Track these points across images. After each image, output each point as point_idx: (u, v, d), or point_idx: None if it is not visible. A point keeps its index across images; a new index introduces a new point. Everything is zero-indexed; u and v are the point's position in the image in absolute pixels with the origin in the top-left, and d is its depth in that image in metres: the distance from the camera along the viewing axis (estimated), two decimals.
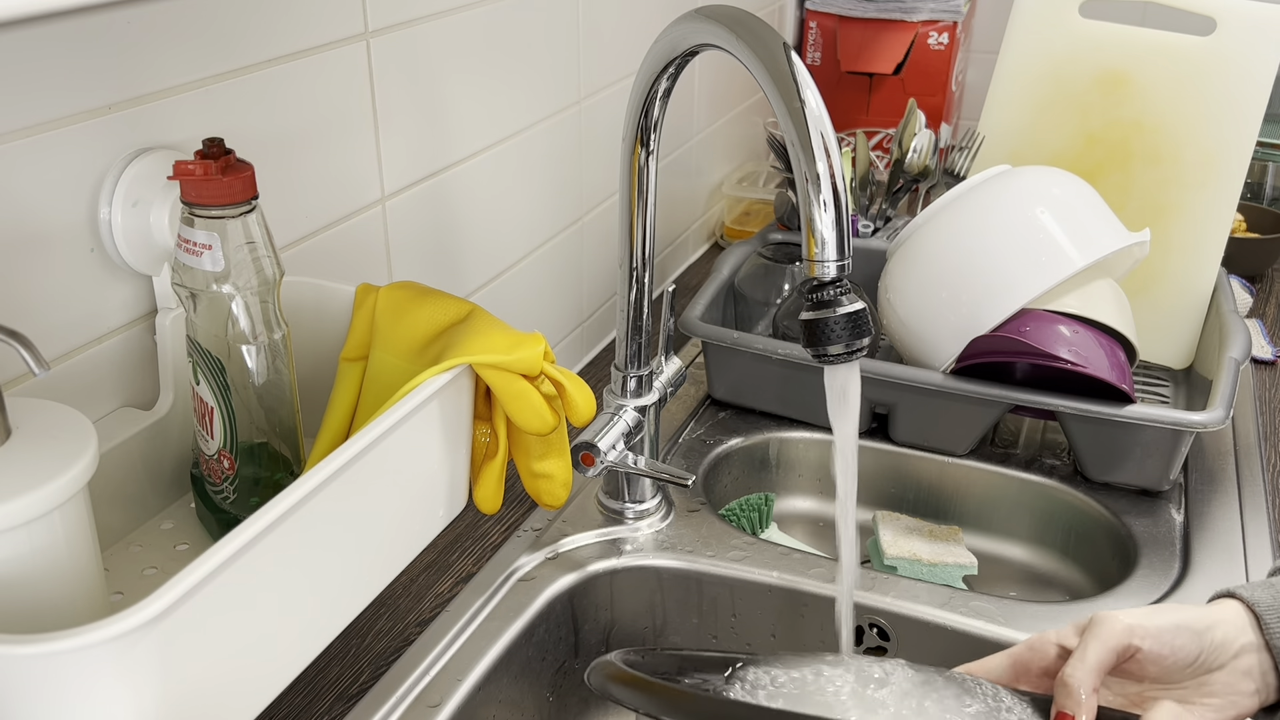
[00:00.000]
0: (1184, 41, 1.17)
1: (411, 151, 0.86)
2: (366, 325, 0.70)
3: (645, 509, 0.90)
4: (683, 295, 1.29)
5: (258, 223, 0.61)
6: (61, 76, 0.59)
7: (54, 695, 0.45)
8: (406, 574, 0.84)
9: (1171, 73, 1.17)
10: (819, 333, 0.61)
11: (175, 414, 0.68)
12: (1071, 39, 1.22)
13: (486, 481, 0.70)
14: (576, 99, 1.08)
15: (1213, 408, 0.91)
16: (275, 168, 0.73)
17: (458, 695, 0.74)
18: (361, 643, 0.77)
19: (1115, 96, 1.19)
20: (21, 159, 0.59)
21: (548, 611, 0.83)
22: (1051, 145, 1.22)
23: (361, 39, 0.79)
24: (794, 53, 0.61)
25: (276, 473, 0.67)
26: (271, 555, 0.51)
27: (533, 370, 0.64)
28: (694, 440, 1.03)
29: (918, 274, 1.01)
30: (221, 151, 0.59)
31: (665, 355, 0.90)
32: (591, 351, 1.23)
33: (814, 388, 0.68)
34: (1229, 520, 0.92)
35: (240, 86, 0.70)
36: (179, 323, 0.67)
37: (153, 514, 0.69)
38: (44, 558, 0.51)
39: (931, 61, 1.59)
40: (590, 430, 0.84)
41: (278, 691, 0.56)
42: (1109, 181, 1.18)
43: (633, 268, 0.83)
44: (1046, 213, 0.97)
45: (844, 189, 0.60)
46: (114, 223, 0.64)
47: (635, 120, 0.78)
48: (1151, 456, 0.93)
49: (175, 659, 0.47)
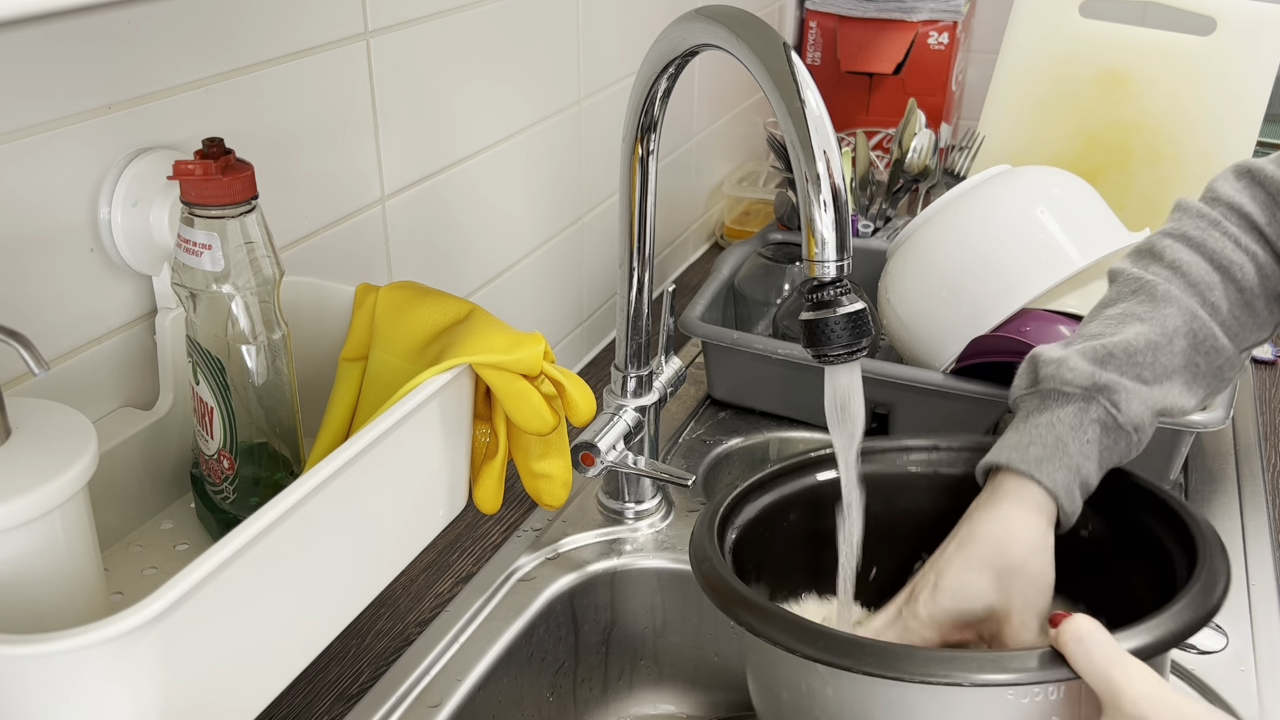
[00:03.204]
0: (1184, 41, 1.17)
1: (411, 151, 0.86)
2: (366, 325, 0.70)
3: (645, 509, 0.90)
4: (683, 295, 1.29)
5: (257, 223, 0.61)
6: (61, 76, 0.59)
7: (54, 695, 0.45)
8: (406, 574, 0.84)
9: (1171, 73, 1.17)
10: (819, 333, 0.61)
11: (175, 414, 0.68)
12: (1071, 39, 1.22)
13: (486, 481, 0.70)
14: (576, 99, 1.08)
15: (1213, 408, 0.91)
16: (275, 168, 0.73)
17: (458, 695, 0.74)
18: (361, 643, 0.77)
19: (1115, 96, 1.19)
20: (21, 159, 0.59)
21: (548, 611, 0.83)
22: (1051, 145, 1.22)
23: (361, 39, 0.79)
24: (794, 53, 0.61)
25: (276, 473, 0.67)
26: (271, 555, 0.51)
27: (533, 370, 0.64)
28: (694, 440, 1.03)
29: (918, 274, 1.01)
30: (221, 151, 0.59)
31: (665, 355, 0.90)
32: (591, 351, 1.23)
33: (814, 388, 0.68)
34: (1229, 520, 0.92)
35: (240, 86, 0.70)
36: (179, 323, 0.67)
37: (153, 514, 0.69)
38: (44, 558, 0.51)
39: (931, 61, 1.59)
40: (590, 430, 0.84)
41: (277, 691, 0.56)
42: (1109, 181, 1.18)
43: (633, 268, 0.83)
44: (1046, 213, 0.97)
45: (844, 189, 0.60)
46: (114, 223, 0.64)
47: (635, 120, 0.78)
48: (1151, 456, 0.92)
49: (175, 659, 0.47)
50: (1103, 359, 0.68)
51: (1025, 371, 0.71)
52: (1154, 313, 0.70)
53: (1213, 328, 0.71)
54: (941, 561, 0.65)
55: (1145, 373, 0.68)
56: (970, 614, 0.64)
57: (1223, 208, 0.75)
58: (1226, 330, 0.72)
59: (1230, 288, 0.73)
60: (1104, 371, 0.67)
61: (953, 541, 0.66)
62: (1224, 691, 0.74)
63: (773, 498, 0.73)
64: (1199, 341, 0.71)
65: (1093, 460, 0.66)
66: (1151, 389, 0.68)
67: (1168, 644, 0.55)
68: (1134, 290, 0.73)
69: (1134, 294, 0.72)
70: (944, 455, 0.75)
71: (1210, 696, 0.74)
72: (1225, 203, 0.75)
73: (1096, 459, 0.66)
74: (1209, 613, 0.57)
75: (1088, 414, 0.66)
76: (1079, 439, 0.66)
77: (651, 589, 0.87)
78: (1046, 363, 0.69)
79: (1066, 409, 0.67)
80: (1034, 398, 0.69)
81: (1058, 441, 0.66)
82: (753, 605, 0.60)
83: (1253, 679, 0.75)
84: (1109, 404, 0.66)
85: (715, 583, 0.62)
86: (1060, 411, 0.67)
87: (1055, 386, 0.68)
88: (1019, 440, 0.67)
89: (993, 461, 0.67)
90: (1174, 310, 0.70)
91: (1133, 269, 0.74)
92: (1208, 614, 0.57)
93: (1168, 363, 0.69)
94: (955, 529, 0.67)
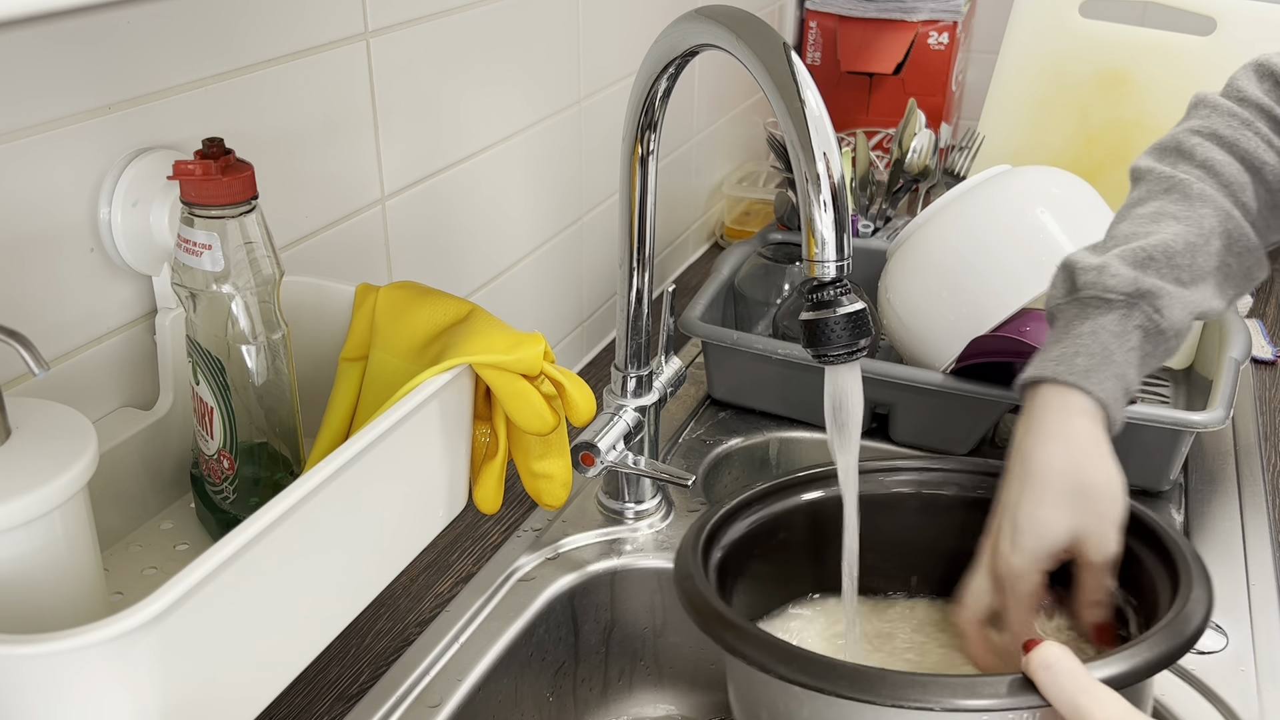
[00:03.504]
0: (1184, 41, 1.17)
1: (411, 151, 0.86)
2: (366, 325, 0.70)
3: (645, 509, 0.90)
4: (683, 295, 1.29)
5: (257, 223, 0.61)
6: (61, 76, 0.59)
7: (53, 695, 0.45)
8: (406, 574, 0.84)
9: (1171, 73, 1.17)
10: (819, 333, 0.61)
11: (175, 414, 0.68)
12: (1071, 39, 1.22)
13: (486, 481, 0.70)
14: (576, 99, 1.08)
15: (1213, 408, 0.91)
16: (275, 168, 0.73)
17: (458, 695, 0.74)
18: (361, 643, 0.77)
19: (1115, 96, 1.20)
20: (21, 159, 0.59)
21: (548, 611, 0.83)
22: (1051, 145, 1.22)
23: (361, 39, 0.79)
24: (794, 53, 0.61)
25: (276, 473, 0.67)
26: (271, 555, 0.51)
27: (533, 370, 0.64)
28: (694, 440, 1.03)
29: (918, 274, 1.01)
30: (221, 151, 0.59)
31: (665, 355, 0.90)
32: (591, 351, 1.23)
33: (814, 388, 0.68)
34: (1229, 520, 0.92)
35: (240, 86, 0.70)
36: (179, 323, 0.67)
37: (153, 514, 0.69)
38: (44, 558, 0.51)
39: (931, 61, 1.59)
40: (590, 430, 0.84)
41: (277, 692, 0.56)
42: (1109, 181, 1.17)
43: (633, 268, 0.83)
44: (1046, 213, 0.97)
45: (844, 189, 0.60)
46: (114, 223, 0.64)
47: (635, 120, 0.78)
48: (1151, 456, 0.92)
49: (175, 659, 0.47)
50: (1143, 262, 0.67)
51: (1061, 279, 0.70)
52: (1189, 211, 0.70)
53: (1245, 227, 0.71)
54: (1010, 505, 0.64)
55: (1184, 274, 0.67)
56: (1055, 545, 0.64)
57: (1252, 109, 0.74)
58: (1256, 230, 0.72)
59: (1261, 188, 0.72)
60: (1145, 276, 0.66)
61: (1014, 479, 0.65)
62: (1224, 691, 0.74)
63: (761, 515, 0.73)
64: (1233, 241, 0.70)
65: (1134, 366, 0.65)
66: (1190, 291, 0.67)
67: (1142, 674, 0.55)
68: (1166, 189, 0.72)
69: (1166, 193, 0.71)
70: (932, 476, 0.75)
71: (1210, 696, 0.74)
72: (1255, 104, 0.74)
73: (1138, 365, 0.66)
74: (1185, 644, 0.56)
75: (1131, 320, 0.65)
76: (1123, 346, 0.65)
77: (651, 589, 0.87)
78: (1086, 269, 0.68)
79: (1109, 316, 0.66)
80: (1074, 305, 0.68)
81: (1104, 350, 0.65)
82: (730, 624, 0.60)
83: (1253, 679, 0.75)
84: (1152, 309, 0.65)
85: (695, 600, 0.62)
86: (1103, 319, 0.66)
87: (1097, 294, 0.67)
88: (1063, 352, 0.66)
89: (1038, 375, 0.66)
90: (1209, 210, 0.70)
91: (1162, 167, 0.73)
92: (1184, 645, 0.56)
93: (1204, 264, 0.68)
94: (1008, 463, 0.66)
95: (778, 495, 0.74)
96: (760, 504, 0.73)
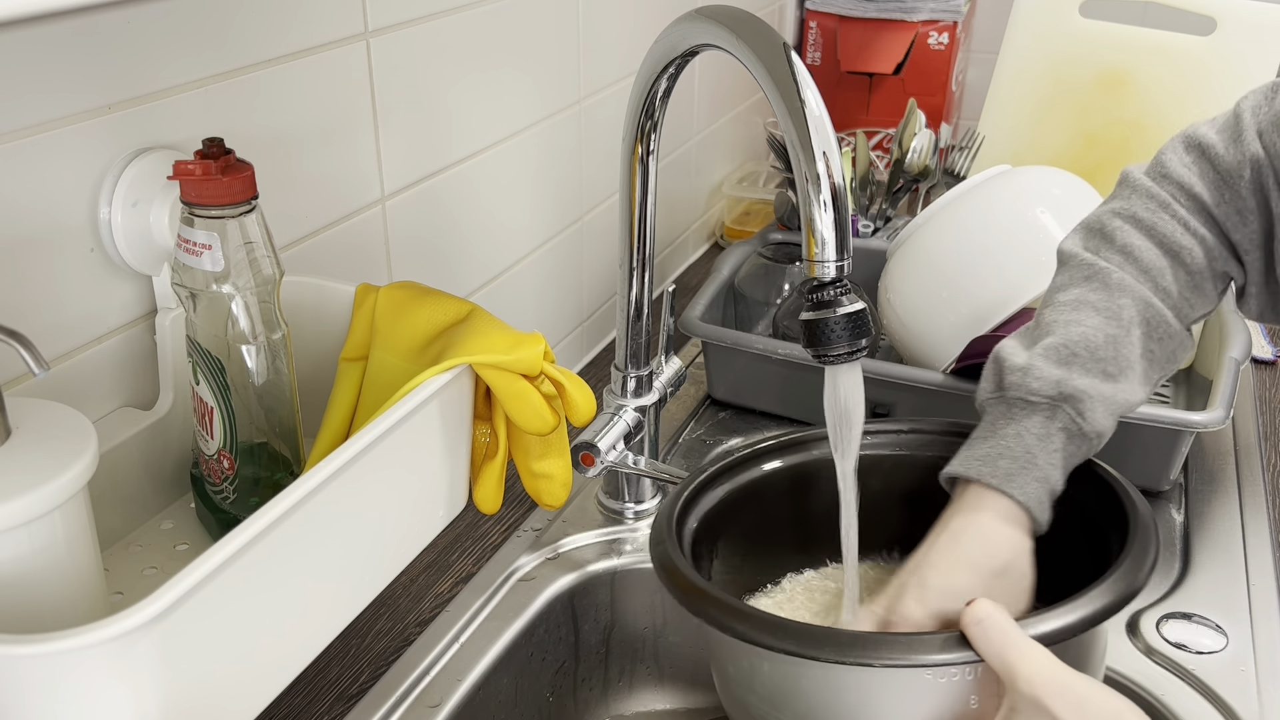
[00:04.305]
0: (1184, 41, 1.17)
1: (411, 151, 0.86)
2: (366, 325, 0.70)
3: (645, 509, 0.90)
4: (683, 295, 1.29)
5: (257, 223, 0.61)
6: (61, 76, 0.59)
7: (54, 695, 0.45)
8: (406, 574, 0.84)
9: (1171, 73, 1.17)
10: (819, 333, 0.61)
11: (175, 414, 0.68)
12: (1071, 39, 1.22)
13: (486, 481, 0.70)
14: (576, 99, 1.08)
15: (1213, 408, 0.91)
16: (275, 168, 0.73)
17: (458, 695, 0.74)
18: (361, 643, 0.77)
19: (1115, 96, 1.20)
20: (21, 159, 0.59)
21: (548, 611, 0.83)
22: (1051, 145, 1.22)
23: (361, 39, 0.79)
24: (794, 53, 0.61)
25: (276, 473, 0.67)
26: (271, 555, 0.51)
27: (533, 370, 0.64)
28: (694, 440, 1.03)
29: (918, 274, 1.01)
30: (221, 151, 0.59)
31: (665, 355, 0.90)
32: (591, 351, 1.23)
33: (814, 388, 0.68)
34: (1229, 520, 0.92)
35: (240, 86, 0.70)
36: (179, 323, 0.67)
37: (153, 514, 0.69)
38: (44, 558, 0.51)
39: (931, 61, 1.59)
40: (590, 430, 0.84)
41: (278, 691, 0.56)
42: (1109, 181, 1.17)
43: (633, 268, 0.83)
44: (1046, 213, 0.97)
45: (844, 189, 0.60)
46: (114, 223, 0.64)
47: (635, 120, 0.78)
48: (1151, 456, 0.92)
49: (175, 659, 0.47)
50: (1066, 359, 0.68)
51: (990, 374, 0.71)
52: (1109, 301, 0.70)
53: (1165, 313, 0.71)
54: (927, 564, 0.65)
55: (1109, 366, 0.68)
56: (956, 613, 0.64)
57: (1172, 187, 0.74)
58: (1177, 313, 0.72)
59: (1180, 271, 0.72)
60: (1071, 376, 0.67)
61: (935, 544, 0.66)
62: (1224, 691, 0.74)
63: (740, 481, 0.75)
64: (1152, 329, 0.71)
65: (1058, 468, 0.66)
66: (1115, 385, 0.68)
67: (1074, 630, 0.56)
68: (1087, 277, 0.72)
69: (1087, 280, 0.72)
70: (914, 438, 0.76)
71: (1210, 696, 0.74)
72: (1175, 181, 0.74)
73: (1062, 465, 0.67)
74: (1119, 601, 0.58)
75: (1054, 423, 0.67)
76: (1047, 449, 0.66)
77: (651, 589, 0.87)
78: (1011, 370, 0.69)
79: (1034, 419, 0.67)
80: (1000, 404, 0.69)
81: (1027, 453, 0.66)
82: (692, 588, 0.62)
83: (1253, 679, 0.75)
84: (1075, 413, 0.66)
85: (666, 565, 0.64)
86: (1027, 422, 0.67)
87: (1021, 395, 0.68)
88: (988, 452, 0.67)
89: (963, 473, 0.67)
90: (1128, 300, 0.70)
91: (1083, 253, 0.74)
92: (1121, 599, 0.58)
93: (1128, 353, 0.69)
94: (933, 533, 0.67)
95: (754, 461, 0.76)
96: (738, 470, 0.75)
